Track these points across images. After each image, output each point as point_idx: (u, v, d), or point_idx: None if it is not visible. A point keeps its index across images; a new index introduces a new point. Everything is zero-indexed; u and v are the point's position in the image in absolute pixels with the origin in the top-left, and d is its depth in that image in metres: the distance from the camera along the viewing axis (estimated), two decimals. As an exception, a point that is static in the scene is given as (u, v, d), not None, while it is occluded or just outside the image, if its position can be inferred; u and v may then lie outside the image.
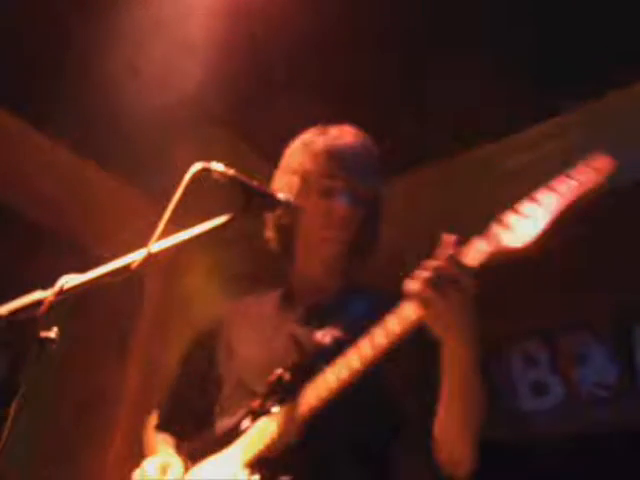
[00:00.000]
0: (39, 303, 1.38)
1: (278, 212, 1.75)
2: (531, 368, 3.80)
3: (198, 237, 1.55)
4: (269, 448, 1.70)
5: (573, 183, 1.38)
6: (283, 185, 1.96)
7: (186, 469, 1.87)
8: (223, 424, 1.88)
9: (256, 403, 1.79)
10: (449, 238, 1.51)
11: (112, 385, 4.21)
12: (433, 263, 1.49)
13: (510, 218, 1.46)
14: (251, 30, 3.43)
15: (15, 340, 1.34)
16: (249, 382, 1.85)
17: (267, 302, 2.07)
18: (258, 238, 2.11)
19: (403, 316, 1.57)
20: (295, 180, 1.95)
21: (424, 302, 1.49)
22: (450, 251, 1.49)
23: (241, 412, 1.82)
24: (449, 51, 3.37)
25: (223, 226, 1.57)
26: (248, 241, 3.92)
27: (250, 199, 1.61)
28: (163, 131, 3.67)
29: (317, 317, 1.92)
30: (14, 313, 1.35)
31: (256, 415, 1.78)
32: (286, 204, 1.71)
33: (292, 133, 2.11)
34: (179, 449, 1.99)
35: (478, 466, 1.67)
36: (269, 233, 2.03)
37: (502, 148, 3.84)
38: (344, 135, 2.00)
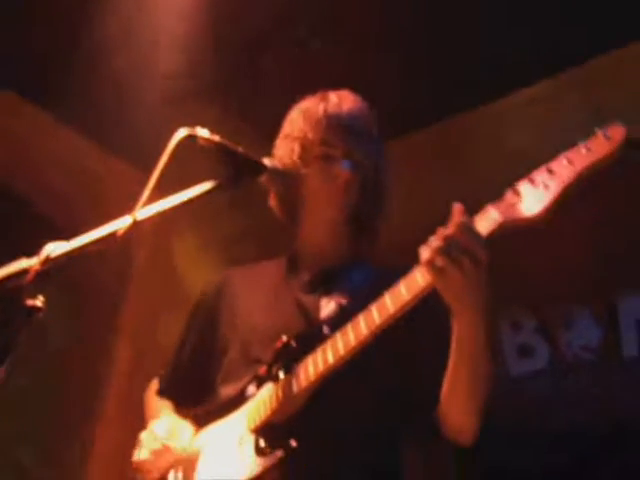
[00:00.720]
0: (25, 272, 1.37)
1: (269, 178, 1.74)
2: (518, 333, 3.83)
3: (184, 204, 1.54)
4: (275, 414, 1.70)
5: (586, 152, 1.37)
6: (284, 152, 1.96)
7: (194, 433, 1.88)
8: (228, 390, 1.88)
9: (262, 370, 1.79)
10: (459, 206, 1.50)
11: (103, 359, 4.22)
12: (446, 231, 1.47)
13: (524, 187, 1.44)
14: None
15: (1, 309, 1.33)
16: (254, 348, 1.85)
17: (272, 269, 2.07)
18: (249, 207, 2.10)
19: (413, 283, 1.56)
20: (296, 147, 1.95)
21: (436, 270, 1.47)
22: (462, 219, 1.48)
23: (246, 378, 1.83)
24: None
25: (209, 193, 1.56)
26: (239, 211, 3.95)
27: (236, 165, 1.60)
28: (169, 116, 3.67)
29: (322, 283, 1.92)
30: (0, 282, 1.34)
31: (262, 381, 1.78)
32: (272, 170, 1.71)
33: (283, 102, 2.11)
34: (180, 415, 1.99)
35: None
36: (272, 201, 2.02)
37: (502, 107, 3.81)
38: (343, 101, 2.01)
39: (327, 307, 1.86)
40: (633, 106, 3.31)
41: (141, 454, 1.85)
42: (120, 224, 1.47)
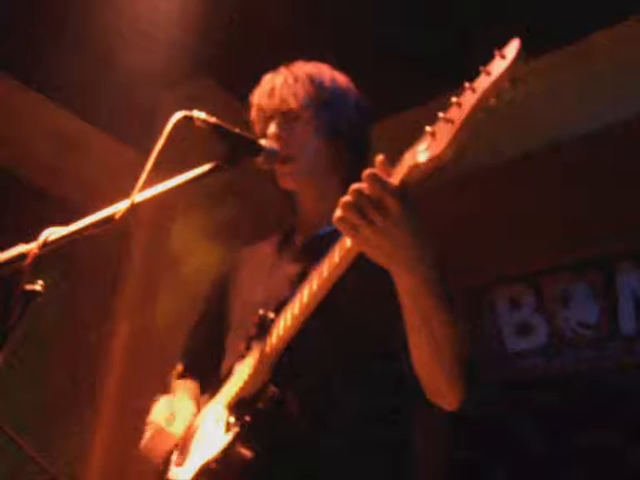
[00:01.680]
0: (23, 256, 1.37)
1: (265, 159, 1.72)
2: (516, 310, 3.85)
3: (182, 186, 1.54)
4: (245, 388, 1.71)
5: (486, 77, 1.30)
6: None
7: (195, 413, 1.90)
8: (224, 367, 1.90)
9: (242, 345, 1.80)
10: (379, 158, 1.41)
11: (100, 341, 4.23)
12: (354, 186, 1.39)
13: (437, 126, 1.35)
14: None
15: (1, 293, 1.33)
16: (245, 324, 1.85)
17: (269, 245, 2.07)
18: (248, 189, 2.08)
19: (342, 244, 1.51)
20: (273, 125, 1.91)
21: (348, 229, 1.40)
22: (372, 170, 1.39)
23: (236, 354, 1.84)
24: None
25: (207, 174, 1.56)
26: (237, 193, 3.95)
27: (233, 146, 1.60)
28: (153, 88, 3.66)
29: (312, 251, 1.83)
30: (-1, 266, 1.34)
31: (243, 357, 1.79)
32: (269, 150, 1.70)
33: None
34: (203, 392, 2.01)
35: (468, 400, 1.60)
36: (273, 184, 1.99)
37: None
38: (300, 69, 1.95)
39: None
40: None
41: (144, 439, 1.87)
42: (118, 207, 1.46)
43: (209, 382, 1.99)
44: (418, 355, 1.57)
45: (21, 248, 1.38)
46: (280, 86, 1.90)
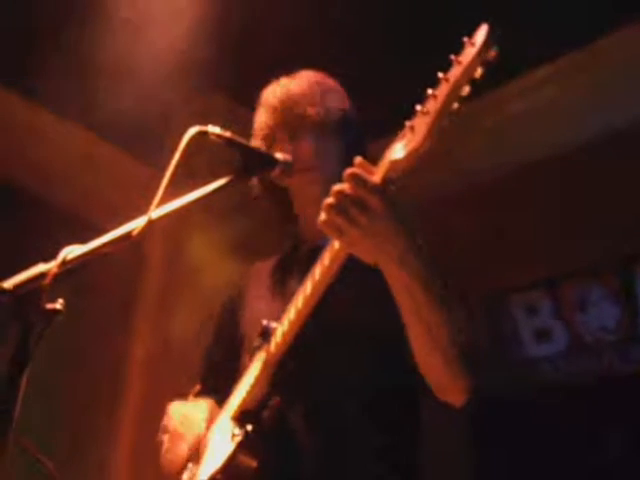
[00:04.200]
0: (43, 275, 1.37)
1: (281, 172, 1.72)
2: (534, 316, 3.82)
3: (198, 201, 1.54)
4: (247, 400, 1.72)
5: (457, 66, 1.30)
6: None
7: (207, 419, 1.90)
8: (237, 381, 1.90)
9: (247, 357, 1.81)
10: (358, 159, 1.41)
11: (118, 360, 4.23)
12: (335, 187, 1.39)
13: (416, 120, 1.35)
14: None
15: (22, 313, 1.33)
16: (252, 337, 1.85)
17: (275, 258, 2.08)
18: (260, 203, 2.08)
19: (331, 247, 1.51)
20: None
21: (334, 230, 1.39)
22: (351, 169, 1.38)
23: (244, 367, 1.84)
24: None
25: (222, 188, 1.56)
26: (252, 207, 3.95)
27: (248, 160, 1.60)
28: (164, 102, 3.67)
29: (315, 260, 1.81)
30: (19, 286, 1.34)
31: (247, 368, 1.80)
32: (284, 163, 1.70)
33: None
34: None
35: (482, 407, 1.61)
36: (265, 200, 2.00)
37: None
38: (291, 81, 1.97)
39: None
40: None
41: (163, 448, 1.88)
42: (135, 224, 1.47)
43: (226, 399, 2.00)
44: (418, 351, 1.55)
45: (40, 267, 1.38)
46: (286, 97, 1.91)
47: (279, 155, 1.71)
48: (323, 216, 1.40)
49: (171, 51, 3.54)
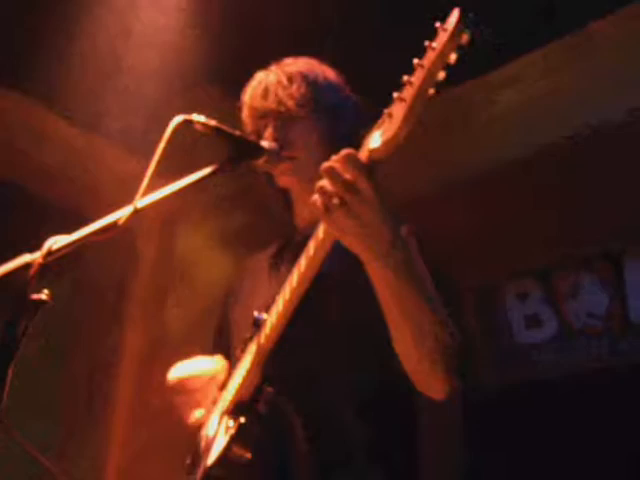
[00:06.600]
0: (28, 266, 1.37)
1: (267, 160, 1.71)
2: (525, 303, 3.83)
3: (185, 189, 1.53)
4: (240, 392, 1.72)
5: (432, 51, 1.30)
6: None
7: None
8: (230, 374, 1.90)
9: (239, 349, 1.80)
10: (347, 149, 1.39)
11: (113, 350, 4.24)
12: (325, 165, 1.38)
13: (394, 106, 1.35)
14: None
15: (7, 304, 1.32)
16: (243, 329, 1.85)
17: (270, 250, 2.07)
18: (254, 193, 2.08)
19: (316, 236, 1.50)
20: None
21: (323, 212, 1.38)
22: (348, 150, 1.37)
23: (235, 359, 1.84)
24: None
25: (208, 177, 1.55)
26: (243, 198, 3.94)
27: (234, 148, 1.59)
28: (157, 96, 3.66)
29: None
30: (4, 277, 1.34)
31: (239, 360, 1.79)
32: (270, 151, 1.70)
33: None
34: None
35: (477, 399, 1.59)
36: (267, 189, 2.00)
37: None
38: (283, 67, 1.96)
39: None
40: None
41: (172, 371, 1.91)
42: (121, 213, 1.46)
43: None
44: (397, 340, 1.52)
45: (25, 258, 1.38)
46: (274, 86, 1.90)
47: (265, 143, 1.70)
48: (314, 197, 1.39)
49: (171, 50, 3.53)
